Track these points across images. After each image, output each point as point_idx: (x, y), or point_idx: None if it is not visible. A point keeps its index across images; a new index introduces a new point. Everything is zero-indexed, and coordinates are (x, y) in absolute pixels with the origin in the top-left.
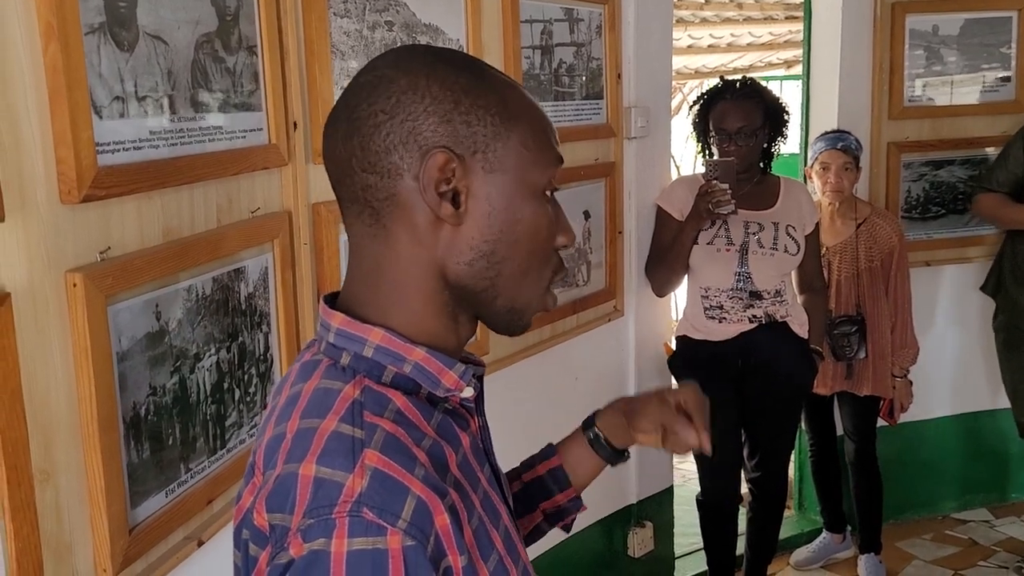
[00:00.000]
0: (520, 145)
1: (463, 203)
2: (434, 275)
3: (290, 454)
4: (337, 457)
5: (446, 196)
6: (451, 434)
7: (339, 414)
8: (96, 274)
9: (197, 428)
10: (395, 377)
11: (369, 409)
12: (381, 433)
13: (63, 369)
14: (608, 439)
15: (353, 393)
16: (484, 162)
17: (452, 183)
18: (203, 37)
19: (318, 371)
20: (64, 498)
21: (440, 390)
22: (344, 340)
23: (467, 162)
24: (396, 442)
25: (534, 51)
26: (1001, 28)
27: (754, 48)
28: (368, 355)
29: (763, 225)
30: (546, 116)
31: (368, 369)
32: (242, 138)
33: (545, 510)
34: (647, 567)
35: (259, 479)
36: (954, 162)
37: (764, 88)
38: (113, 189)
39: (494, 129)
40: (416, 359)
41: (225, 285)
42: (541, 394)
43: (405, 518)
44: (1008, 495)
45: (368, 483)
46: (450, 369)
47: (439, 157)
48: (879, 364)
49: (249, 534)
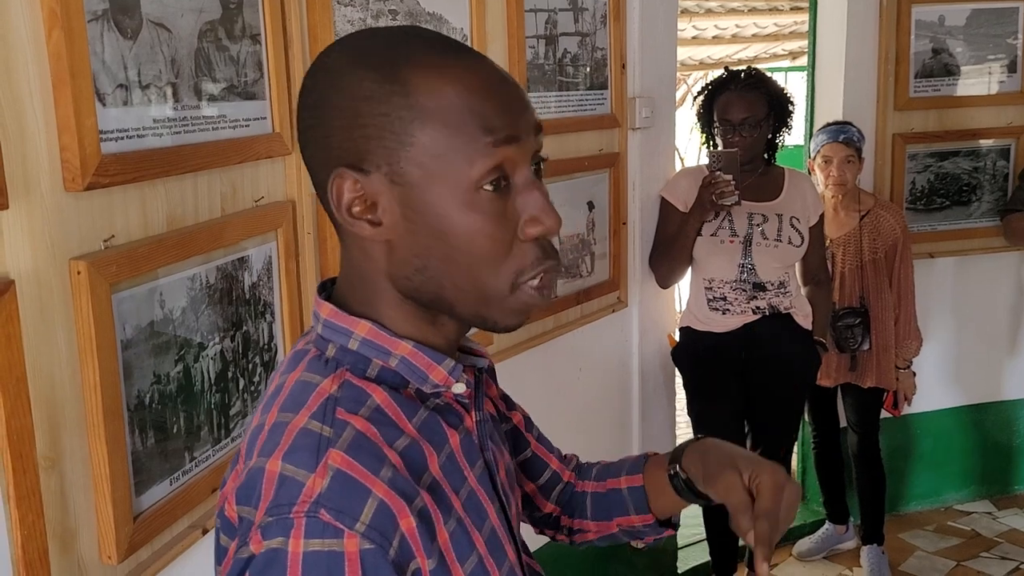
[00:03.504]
0: (429, 148)
1: (381, 220)
2: (391, 285)
3: (263, 447)
4: (302, 454)
5: (363, 215)
6: (436, 432)
7: (311, 410)
8: (100, 262)
9: (201, 417)
10: (381, 371)
11: (343, 406)
12: (351, 432)
13: (68, 357)
14: (690, 480)
15: (330, 388)
16: (391, 175)
17: (367, 201)
18: (207, 25)
19: (303, 362)
20: (69, 485)
21: (427, 386)
22: (331, 332)
23: (372, 177)
24: (365, 441)
25: (538, 41)
26: (1007, 19)
27: (759, 39)
28: (353, 348)
29: (767, 216)
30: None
31: (353, 362)
32: (245, 127)
33: (620, 525)
34: (650, 557)
35: (241, 466)
36: (959, 153)
37: (769, 79)
38: (117, 177)
39: (394, 138)
40: (402, 353)
41: (229, 274)
42: (545, 385)
43: (364, 521)
44: (1011, 487)
45: (328, 484)
46: (439, 364)
47: (342, 179)
48: (883, 356)
49: (219, 523)
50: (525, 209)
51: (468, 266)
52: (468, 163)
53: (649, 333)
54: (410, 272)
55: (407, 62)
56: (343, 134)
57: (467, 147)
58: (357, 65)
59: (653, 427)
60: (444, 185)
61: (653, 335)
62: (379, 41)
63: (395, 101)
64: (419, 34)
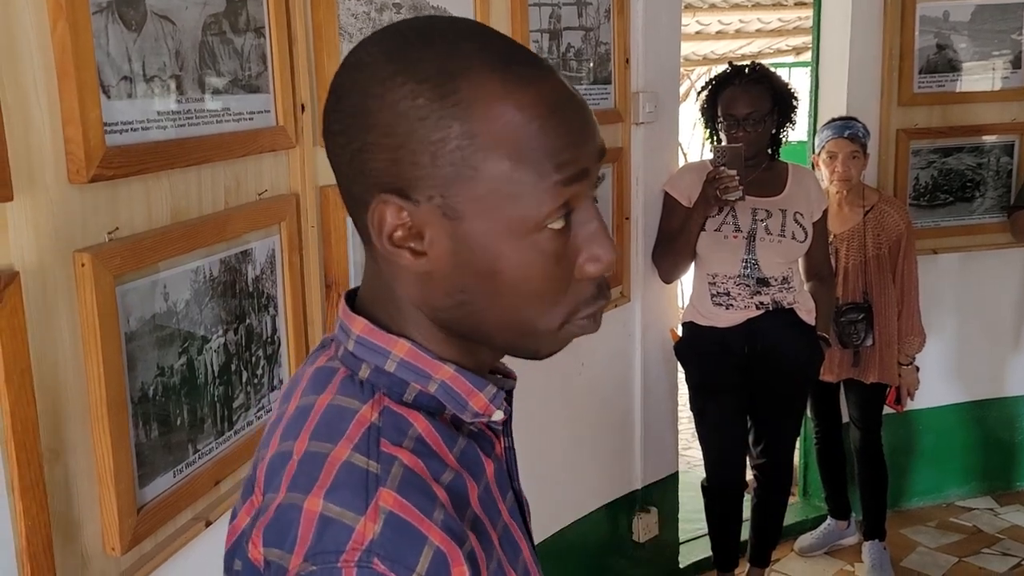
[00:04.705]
0: (491, 182)
1: (426, 251)
2: (425, 312)
3: (295, 480)
4: (348, 494)
5: (405, 243)
6: (475, 463)
7: (353, 441)
8: (105, 254)
9: (205, 409)
10: (418, 396)
11: (387, 436)
12: (399, 468)
13: (72, 349)
14: None
15: (371, 416)
16: (444, 208)
17: (413, 229)
18: (211, 18)
19: (333, 383)
20: (73, 477)
21: (467, 414)
22: (365, 351)
23: (423, 208)
24: (415, 479)
25: (542, 35)
26: (1012, 15)
27: (763, 34)
28: (391, 370)
29: (771, 212)
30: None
31: (389, 385)
32: (249, 120)
33: None
34: (652, 552)
35: (258, 499)
36: (963, 149)
37: (773, 74)
38: (121, 169)
39: (452, 169)
40: (443, 378)
41: (232, 267)
42: (547, 379)
43: (420, 572)
44: (1013, 483)
45: (382, 529)
46: (480, 391)
47: (385, 206)
48: (886, 352)
49: (241, 566)
50: (586, 246)
51: (516, 305)
52: (536, 202)
53: (652, 328)
54: (448, 305)
55: (466, 77)
56: (388, 155)
57: (535, 184)
58: (407, 76)
59: (655, 422)
60: (504, 222)
61: (656, 330)
62: (431, 45)
63: (453, 126)
64: (474, 35)
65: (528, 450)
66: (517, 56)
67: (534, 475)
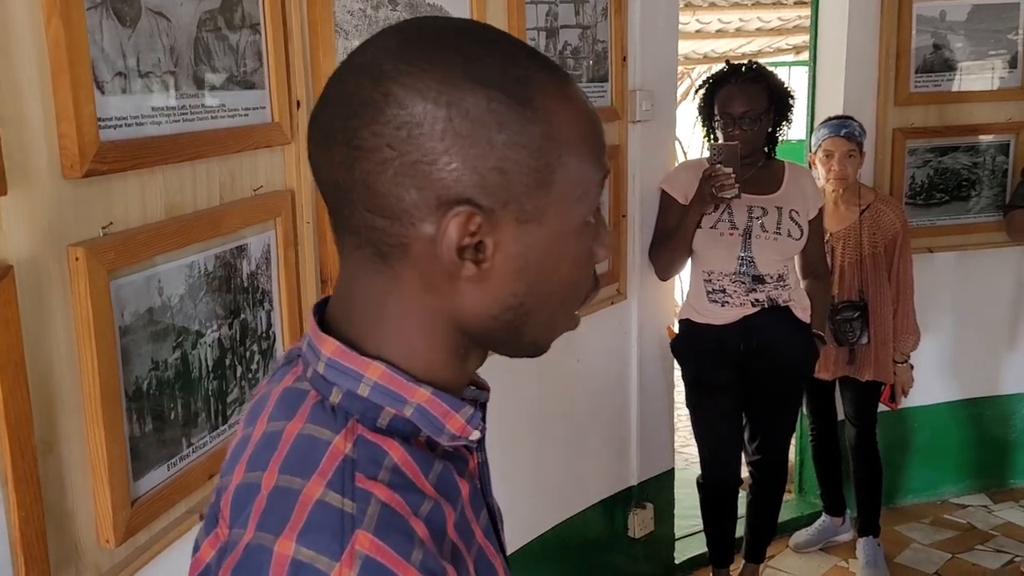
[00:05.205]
0: (566, 186)
1: (488, 259)
2: (448, 322)
3: (264, 518)
4: (322, 537)
5: (467, 253)
6: (451, 486)
7: (327, 476)
8: (98, 249)
9: (199, 403)
10: (393, 420)
11: (362, 470)
12: (376, 506)
13: (66, 342)
14: None
15: (344, 447)
16: (519, 213)
17: (476, 238)
18: (206, 14)
19: (303, 409)
20: (67, 469)
21: (444, 437)
22: (336, 374)
23: (496, 215)
24: (393, 518)
25: (539, 33)
26: (1008, 15)
27: (763, 33)
28: (364, 394)
29: (767, 209)
30: (598, 123)
31: (363, 411)
32: (244, 116)
33: None
34: (647, 548)
35: (224, 532)
36: (959, 149)
37: (769, 73)
38: (115, 164)
39: (536, 176)
40: (419, 400)
41: (227, 262)
42: (543, 376)
43: None
44: (1007, 481)
45: (358, 575)
46: (457, 412)
47: (460, 216)
48: (881, 349)
49: None
50: (598, 236)
51: (563, 300)
52: (593, 198)
53: (648, 325)
54: (500, 311)
55: (534, 81)
56: (462, 162)
57: (591, 182)
58: (474, 82)
59: (651, 419)
60: (573, 221)
61: (652, 327)
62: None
63: (533, 130)
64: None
65: (525, 446)
66: (550, 59)
67: (530, 472)
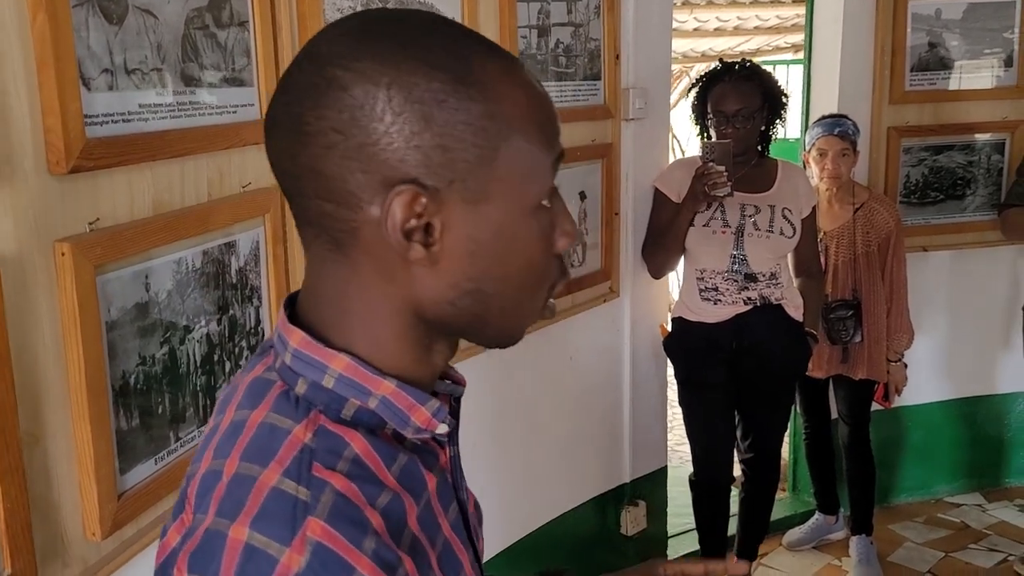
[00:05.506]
0: (512, 162)
1: (437, 240)
2: (408, 311)
3: (222, 505)
4: (275, 523)
5: (415, 235)
6: (415, 479)
7: (284, 464)
8: (85, 244)
9: (187, 398)
10: (358, 411)
11: (320, 460)
12: (330, 495)
13: (52, 337)
14: None
15: (304, 436)
16: (464, 192)
17: (423, 219)
18: (194, 12)
19: (268, 398)
20: (53, 462)
21: (409, 430)
22: (302, 365)
23: (442, 195)
24: (347, 507)
25: (531, 31)
26: (1004, 13)
27: (761, 31)
28: (328, 385)
29: (759, 208)
30: (549, 106)
31: (327, 402)
32: (233, 113)
33: None
34: (640, 545)
35: (189, 517)
36: (954, 148)
37: (763, 71)
38: (102, 161)
39: (478, 151)
40: (384, 393)
41: (216, 258)
42: (536, 374)
43: None
44: (1002, 480)
45: (308, 560)
46: (422, 405)
47: (403, 195)
48: (874, 348)
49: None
50: (559, 222)
51: (521, 284)
52: (543, 178)
53: (641, 323)
54: (456, 296)
55: (473, 63)
56: (404, 142)
57: (542, 162)
58: (417, 58)
59: (644, 416)
60: (521, 201)
61: (645, 325)
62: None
63: (474, 108)
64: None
65: (517, 443)
66: (495, 44)
67: (522, 468)
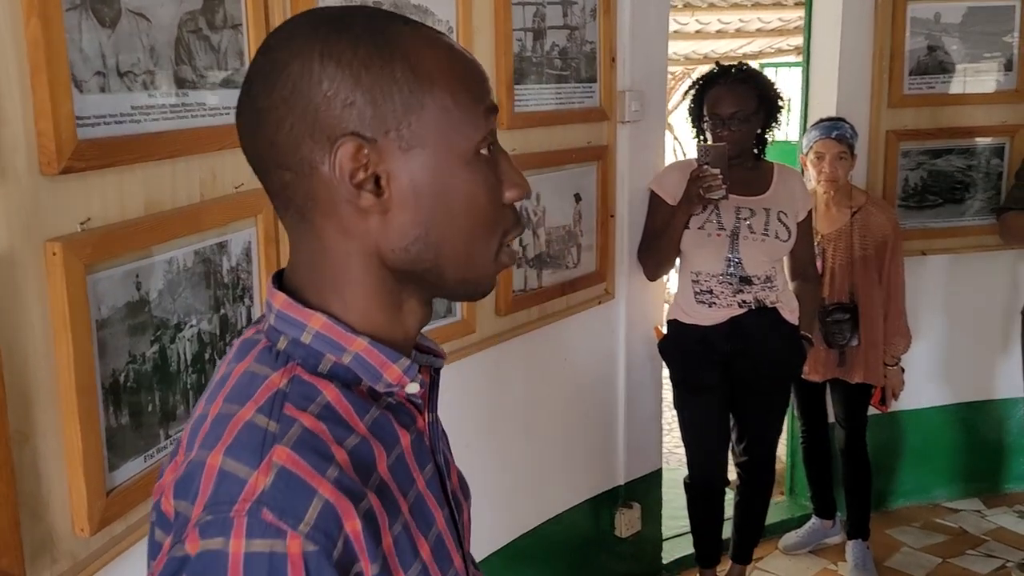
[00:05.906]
0: (438, 111)
1: (385, 188)
2: (372, 265)
3: (205, 439)
4: (245, 450)
5: (365, 185)
6: (387, 432)
7: (258, 403)
8: (76, 244)
9: (177, 396)
10: (333, 367)
11: (292, 402)
12: (298, 428)
13: (42, 335)
14: None
15: (279, 382)
16: (399, 140)
17: (369, 170)
18: (187, 15)
19: (252, 352)
20: (42, 460)
21: (381, 385)
22: (284, 324)
23: (380, 144)
24: (312, 439)
25: (526, 34)
26: (1003, 17)
27: (763, 34)
28: (306, 341)
29: (754, 211)
30: (473, 65)
31: (305, 356)
32: (225, 115)
33: None
34: (634, 547)
35: (181, 457)
36: (952, 151)
37: (759, 74)
38: (93, 161)
39: (403, 101)
40: (357, 349)
41: (207, 258)
42: (530, 374)
43: (308, 521)
44: (1001, 486)
45: (272, 481)
46: (393, 363)
47: (347, 146)
48: (871, 352)
49: (155, 517)
50: (506, 176)
51: (469, 229)
52: (473, 128)
53: (636, 325)
54: (408, 242)
55: (393, 30)
56: (340, 102)
57: (470, 112)
58: (342, 34)
59: (639, 419)
60: (452, 148)
61: (640, 327)
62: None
63: (398, 66)
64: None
65: (512, 444)
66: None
67: (517, 469)
